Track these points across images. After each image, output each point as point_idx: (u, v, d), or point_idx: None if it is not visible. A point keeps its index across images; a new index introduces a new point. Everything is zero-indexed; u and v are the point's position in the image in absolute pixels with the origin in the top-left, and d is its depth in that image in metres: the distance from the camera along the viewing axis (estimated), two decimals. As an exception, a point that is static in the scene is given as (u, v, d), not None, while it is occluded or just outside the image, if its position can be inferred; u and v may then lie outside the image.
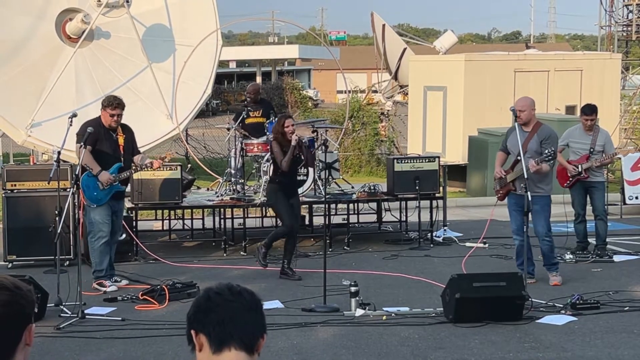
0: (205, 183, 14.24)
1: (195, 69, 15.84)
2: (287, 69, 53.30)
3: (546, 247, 8.96)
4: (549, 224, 8.96)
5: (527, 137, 8.84)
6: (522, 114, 8.85)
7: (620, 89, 20.93)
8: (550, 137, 8.86)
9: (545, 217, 8.90)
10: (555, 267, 9.02)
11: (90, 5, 15.34)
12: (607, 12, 23.63)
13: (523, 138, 8.76)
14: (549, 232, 8.93)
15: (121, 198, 9.20)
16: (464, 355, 6.66)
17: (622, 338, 7.09)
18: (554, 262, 9.04)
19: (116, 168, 8.84)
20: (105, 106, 8.87)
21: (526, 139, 8.81)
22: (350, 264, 10.03)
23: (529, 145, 8.78)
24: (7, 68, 14.89)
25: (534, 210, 8.71)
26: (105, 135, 8.81)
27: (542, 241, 8.94)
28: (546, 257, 9.02)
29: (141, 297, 8.33)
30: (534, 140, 8.82)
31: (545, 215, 8.91)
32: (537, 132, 8.85)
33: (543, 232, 8.89)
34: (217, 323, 2.15)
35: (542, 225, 8.88)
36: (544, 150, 8.69)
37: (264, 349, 2.22)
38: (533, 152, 8.75)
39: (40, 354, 6.70)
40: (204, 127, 21.44)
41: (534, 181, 8.71)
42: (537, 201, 8.71)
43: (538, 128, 8.89)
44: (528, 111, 8.88)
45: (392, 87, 24.61)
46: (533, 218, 8.85)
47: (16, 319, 2.08)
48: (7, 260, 10.06)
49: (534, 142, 8.81)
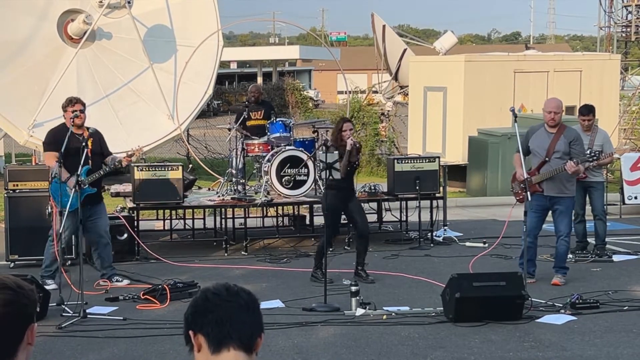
0: (206, 183, 14.27)
1: (197, 70, 15.89)
2: (288, 69, 53.31)
3: (563, 248, 9.00)
4: (571, 225, 9.12)
5: (554, 138, 8.86)
6: (556, 116, 8.86)
7: (619, 90, 20.96)
8: (578, 139, 8.93)
9: (569, 217, 9.03)
10: (564, 271, 9.06)
11: (92, 6, 15.39)
12: (607, 13, 23.66)
13: (549, 140, 8.82)
14: (569, 232, 9.03)
15: (97, 202, 9.02)
16: (464, 355, 6.69)
17: (621, 337, 7.11)
18: (564, 266, 9.08)
19: (84, 171, 8.70)
20: (64, 107, 8.85)
21: (553, 140, 8.85)
22: (350, 263, 10.06)
23: (556, 146, 8.82)
24: (9, 69, 14.95)
25: (558, 211, 8.83)
26: (72, 140, 8.69)
27: (561, 241, 8.97)
28: (560, 259, 9.04)
29: (142, 296, 8.36)
30: (561, 141, 8.83)
31: (570, 216, 9.04)
32: (563, 133, 8.87)
33: (566, 231, 8.95)
34: (216, 323, 2.16)
35: (565, 224, 8.94)
36: (575, 151, 8.76)
37: (265, 348, 2.25)
38: (562, 153, 8.79)
39: (42, 353, 6.72)
40: (205, 127, 21.47)
41: (562, 182, 8.79)
42: (562, 202, 8.82)
43: (564, 130, 8.92)
44: (561, 113, 8.97)
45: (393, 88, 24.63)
46: (557, 218, 8.92)
47: (18, 318, 2.08)
48: (9, 260, 10.09)
49: (561, 143, 8.83)
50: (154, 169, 10.69)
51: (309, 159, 10.96)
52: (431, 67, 19.65)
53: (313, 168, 11.02)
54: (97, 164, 8.87)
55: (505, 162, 14.97)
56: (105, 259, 9.11)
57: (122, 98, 15.51)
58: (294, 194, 11.03)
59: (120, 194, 11.55)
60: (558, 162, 8.75)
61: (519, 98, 17.75)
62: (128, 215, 10.61)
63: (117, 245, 10.42)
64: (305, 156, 10.97)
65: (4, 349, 2.06)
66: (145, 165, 10.98)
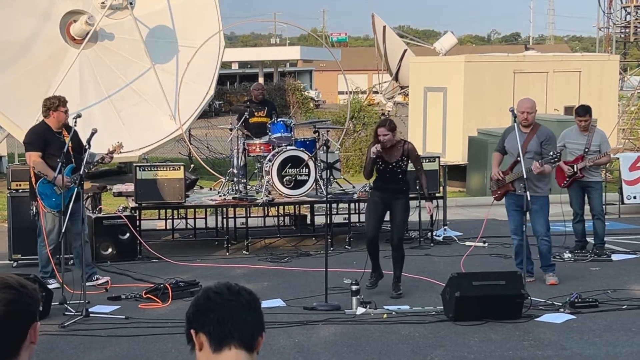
0: (208, 183, 14.31)
1: (198, 70, 15.94)
2: (289, 70, 53.27)
3: (544, 247, 9.00)
4: (548, 224, 9.01)
5: (527, 138, 8.87)
6: (529, 116, 8.87)
7: (618, 90, 21.00)
8: (550, 138, 8.92)
9: (544, 217, 8.94)
10: (552, 269, 9.06)
11: (94, 7, 15.46)
12: (605, 14, 23.68)
13: (522, 139, 8.81)
14: (548, 232, 8.98)
15: (76, 200, 8.81)
16: (464, 353, 6.72)
17: (620, 336, 7.14)
18: (550, 264, 9.09)
19: (69, 170, 8.70)
20: (57, 106, 8.80)
21: (525, 140, 8.85)
22: (351, 262, 10.11)
23: (528, 146, 8.83)
24: (12, 69, 15.01)
25: (533, 210, 8.75)
26: (52, 139, 8.69)
27: (541, 241, 8.98)
28: (543, 258, 9.05)
29: (145, 295, 8.39)
30: (533, 141, 8.85)
31: (545, 215, 8.95)
32: (536, 133, 8.89)
33: (542, 231, 8.94)
34: (217, 322, 2.17)
35: (541, 224, 8.93)
36: (546, 151, 8.75)
37: (266, 347, 2.29)
38: (533, 153, 8.80)
39: (45, 352, 6.75)
40: (207, 127, 21.51)
41: (533, 181, 8.76)
42: (536, 201, 8.74)
43: (537, 129, 8.93)
44: (534, 112, 8.96)
45: (393, 88, 24.71)
46: (532, 218, 8.90)
47: (21, 317, 2.09)
48: (12, 259, 10.12)
49: (533, 142, 8.85)
50: (156, 169, 10.73)
51: (310, 159, 11.01)
52: (431, 68, 19.71)
53: (314, 168, 11.07)
54: (78, 162, 8.74)
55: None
56: (87, 257, 8.95)
57: (124, 98, 15.57)
58: (294, 193, 11.08)
59: (123, 193, 11.60)
60: (529, 161, 8.72)
61: (519, 98, 17.70)
62: (130, 215, 10.65)
63: (119, 244, 10.49)
64: (306, 156, 11.02)
65: (7, 348, 2.07)
66: (148, 165, 11.02)
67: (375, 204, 8.77)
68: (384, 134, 8.54)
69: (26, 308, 2.10)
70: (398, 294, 8.56)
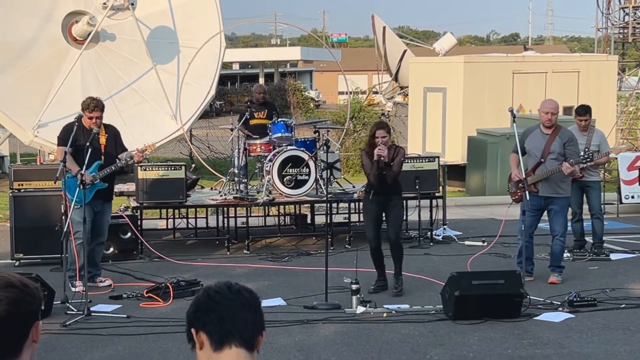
0: (208, 182, 14.35)
1: (199, 71, 15.97)
2: (290, 70, 53.31)
3: (558, 248, 9.07)
4: (566, 225, 9.14)
5: (549, 139, 8.94)
6: (553, 117, 8.92)
7: (616, 90, 21.03)
8: (572, 140, 9.01)
9: (564, 217, 9.06)
10: (560, 270, 9.12)
11: (95, 7, 15.50)
12: (604, 15, 23.70)
13: (545, 140, 8.90)
14: (565, 232, 9.08)
15: (107, 199, 8.99)
16: (463, 352, 6.76)
17: (618, 335, 7.18)
18: (561, 265, 9.16)
19: (96, 166, 8.74)
20: (83, 109, 8.85)
21: (548, 141, 8.93)
22: (351, 262, 10.15)
23: (551, 147, 8.91)
24: (14, 70, 15.05)
25: (553, 211, 8.90)
26: (85, 135, 8.71)
27: (556, 241, 9.05)
28: (555, 258, 9.11)
29: (146, 294, 8.43)
30: (556, 142, 8.91)
31: (564, 216, 9.07)
32: (558, 135, 8.94)
33: (561, 231, 9.01)
34: (218, 321, 2.17)
35: (560, 224, 9.00)
36: (569, 152, 8.83)
37: (266, 346, 2.33)
38: (557, 154, 8.87)
39: (47, 351, 6.79)
40: (208, 127, 21.53)
41: (556, 182, 8.87)
42: (557, 202, 8.90)
43: (559, 130, 8.99)
44: (557, 114, 9.03)
45: (393, 88, 24.76)
46: (552, 218, 8.99)
47: (23, 316, 2.09)
48: (14, 259, 10.15)
49: (556, 144, 8.90)
50: (157, 169, 10.78)
51: (310, 158, 11.06)
52: (431, 68, 19.75)
53: (314, 168, 11.12)
54: (110, 160, 8.86)
55: (504, 162, 15.04)
56: (96, 257, 9.03)
57: (125, 99, 15.61)
58: (295, 193, 11.13)
59: (124, 193, 11.64)
60: (553, 162, 8.83)
61: (518, 98, 17.85)
62: (132, 215, 10.69)
63: (120, 243, 10.53)
64: (306, 156, 11.07)
65: (9, 347, 2.06)
66: (149, 165, 11.06)
67: (370, 209, 8.80)
68: (382, 136, 8.60)
69: (28, 307, 2.10)
70: (398, 290, 8.61)
